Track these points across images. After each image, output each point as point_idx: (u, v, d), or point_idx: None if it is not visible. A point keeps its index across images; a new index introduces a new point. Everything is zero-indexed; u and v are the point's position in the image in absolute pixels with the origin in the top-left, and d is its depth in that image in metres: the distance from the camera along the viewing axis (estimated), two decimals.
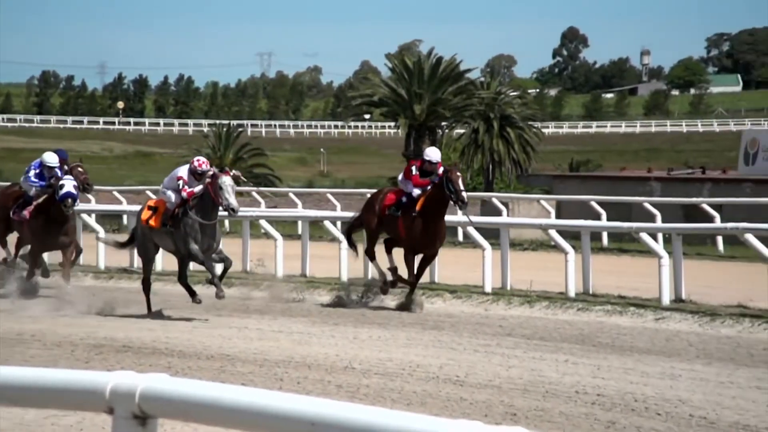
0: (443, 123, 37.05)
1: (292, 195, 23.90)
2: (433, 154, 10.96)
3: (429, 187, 10.77)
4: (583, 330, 9.70)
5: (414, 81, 35.99)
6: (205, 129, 46.95)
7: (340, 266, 13.17)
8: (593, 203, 20.14)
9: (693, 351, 8.58)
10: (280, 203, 24.18)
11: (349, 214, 17.34)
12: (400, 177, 11.27)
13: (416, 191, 10.81)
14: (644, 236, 11.58)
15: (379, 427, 2.37)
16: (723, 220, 16.82)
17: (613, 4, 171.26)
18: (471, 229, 12.38)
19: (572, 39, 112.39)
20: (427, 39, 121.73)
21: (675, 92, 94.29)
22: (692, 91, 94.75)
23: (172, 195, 10.52)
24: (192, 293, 10.60)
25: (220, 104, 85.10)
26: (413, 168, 10.92)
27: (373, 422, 2.38)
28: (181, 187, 10.43)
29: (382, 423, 2.37)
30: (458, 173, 10.69)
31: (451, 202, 10.68)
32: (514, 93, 40.93)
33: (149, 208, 10.71)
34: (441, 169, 10.75)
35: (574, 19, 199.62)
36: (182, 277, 10.76)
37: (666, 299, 10.73)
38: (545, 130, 46.92)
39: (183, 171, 10.55)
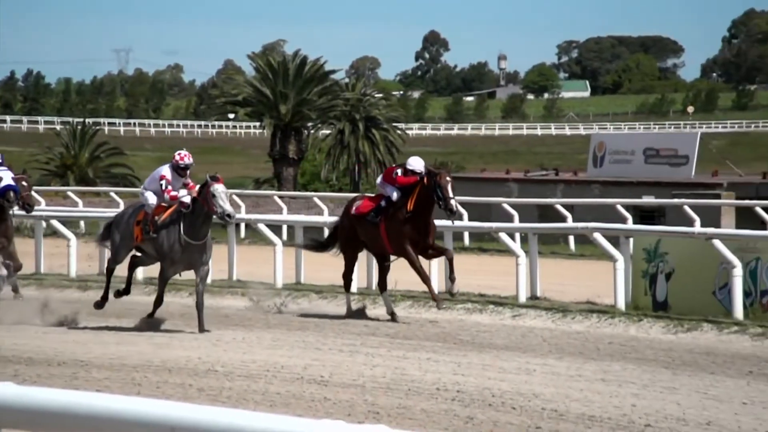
0: (309, 123, 36.99)
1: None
2: (416, 163, 10.15)
3: (417, 188, 10.03)
4: (444, 328, 9.93)
5: (279, 81, 35.74)
6: (58, 127, 44.91)
7: None
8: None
9: (546, 346, 8.95)
10: None
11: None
12: (378, 180, 10.70)
13: (395, 194, 10.14)
14: (503, 236, 11.99)
15: (240, 429, 2.35)
16: (574, 220, 17.66)
17: (471, 10, 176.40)
18: None
19: (434, 42, 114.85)
20: (291, 39, 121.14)
21: (530, 96, 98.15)
22: (546, 95, 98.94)
23: (150, 197, 9.63)
24: (102, 299, 10.04)
25: (74, 101, 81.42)
26: (399, 170, 10.28)
27: (235, 425, 2.35)
28: (164, 188, 9.50)
29: (244, 425, 2.35)
30: (448, 178, 9.99)
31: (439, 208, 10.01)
32: (379, 95, 41.47)
33: (137, 223, 9.82)
34: (424, 170, 10.01)
35: (435, 23, 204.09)
36: (114, 279, 10.10)
37: (523, 297, 11.16)
38: (409, 132, 47.71)
39: (165, 170, 9.61)
